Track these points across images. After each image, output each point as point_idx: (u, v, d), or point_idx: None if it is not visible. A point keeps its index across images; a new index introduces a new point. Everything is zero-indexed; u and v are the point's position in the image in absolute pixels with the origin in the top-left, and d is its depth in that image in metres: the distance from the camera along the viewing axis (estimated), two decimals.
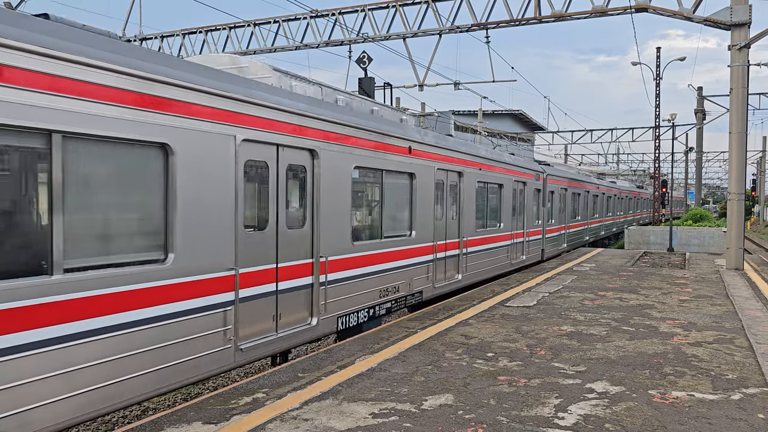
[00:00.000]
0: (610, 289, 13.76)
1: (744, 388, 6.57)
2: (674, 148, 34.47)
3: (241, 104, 6.89)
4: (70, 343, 5.06)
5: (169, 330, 6.02)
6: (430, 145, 11.82)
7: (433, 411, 5.76)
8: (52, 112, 4.89)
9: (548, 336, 8.97)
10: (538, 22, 20.60)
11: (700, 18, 17.74)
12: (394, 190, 10.68)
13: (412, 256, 11.18)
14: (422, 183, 11.49)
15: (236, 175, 6.84)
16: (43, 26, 4.99)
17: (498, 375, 6.95)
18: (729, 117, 17.76)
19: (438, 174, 12.23)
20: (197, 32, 26.95)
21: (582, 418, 5.59)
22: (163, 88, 5.91)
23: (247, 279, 7.09)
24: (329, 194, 8.61)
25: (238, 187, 6.86)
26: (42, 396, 4.86)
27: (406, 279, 10.98)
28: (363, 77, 19.12)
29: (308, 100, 8.31)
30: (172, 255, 6.04)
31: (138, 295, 5.67)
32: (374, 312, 9.99)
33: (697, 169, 53.58)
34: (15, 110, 4.63)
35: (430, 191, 11.85)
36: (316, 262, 8.38)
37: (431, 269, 11.95)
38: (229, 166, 6.75)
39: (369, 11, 23.24)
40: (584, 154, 67.78)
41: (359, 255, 9.46)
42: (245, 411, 5.74)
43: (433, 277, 12.06)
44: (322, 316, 8.46)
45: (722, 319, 10.39)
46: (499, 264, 15.95)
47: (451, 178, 12.92)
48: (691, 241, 27.18)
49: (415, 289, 11.34)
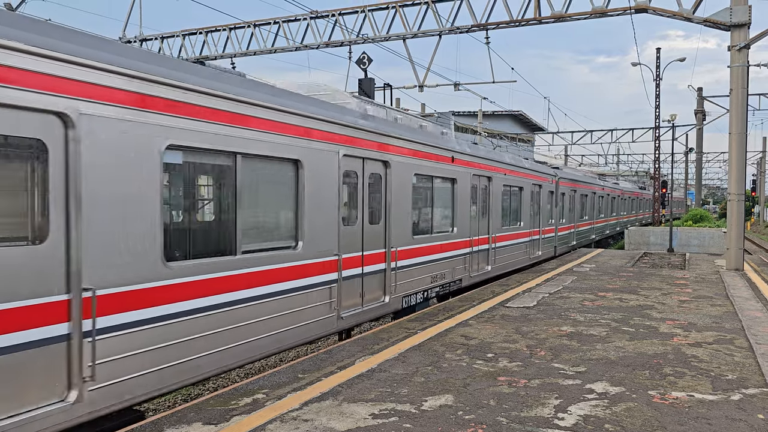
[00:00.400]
0: (610, 290, 13.76)
1: (744, 388, 6.57)
2: (674, 148, 34.48)
3: (343, 127, 8.88)
4: (246, 305, 6.98)
5: (297, 299, 7.91)
6: (467, 154, 13.70)
7: (433, 412, 5.76)
8: (237, 140, 6.80)
9: (548, 337, 8.97)
10: (538, 22, 20.61)
11: (699, 19, 17.75)
12: (441, 193, 12.57)
13: (454, 249, 13.09)
14: (461, 187, 13.35)
15: (339, 183, 8.80)
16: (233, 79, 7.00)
17: (498, 375, 6.96)
18: (729, 118, 17.77)
19: (473, 179, 14.08)
20: (197, 33, 26.96)
21: (582, 419, 5.59)
22: (299, 119, 7.89)
23: (346, 263, 9.05)
24: (397, 197, 10.49)
25: (340, 192, 8.81)
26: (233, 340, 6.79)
27: (450, 268, 12.87)
28: (363, 78, 19.14)
29: (382, 122, 10.31)
30: (301, 243, 8.01)
31: (281, 272, 7.58)
32: (426, 295, 11.82)
33: (697, 169, 53.60)
34: (219, 139, 6.54)
35: (467, 194, 13.72)
36: (388, 251, 10.29)
37: (468, 260, 13.86)
38: (334, 175, 8.71)
39: (369, 12, 23.25)
40: (584, 155, 67.83)
41: (417, 247, 11.32)
42: (245, 412, 5.74)
43: (470, 267, 13.98)
44: (392, 295, 10.37)
45: (722, 319, 10.39)
46: (520, 258, 17.77)
47: (483, 182, 14.78)
48: (691, 242, 27.16)
49: (456, 277, 13.23)
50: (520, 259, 17.82)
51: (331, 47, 24.13)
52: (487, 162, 14.97)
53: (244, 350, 6.95)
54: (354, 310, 9.22)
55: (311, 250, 8.18)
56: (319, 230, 8.36)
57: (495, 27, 21.44)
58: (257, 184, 7.29)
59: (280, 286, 7.54)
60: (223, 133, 6.58)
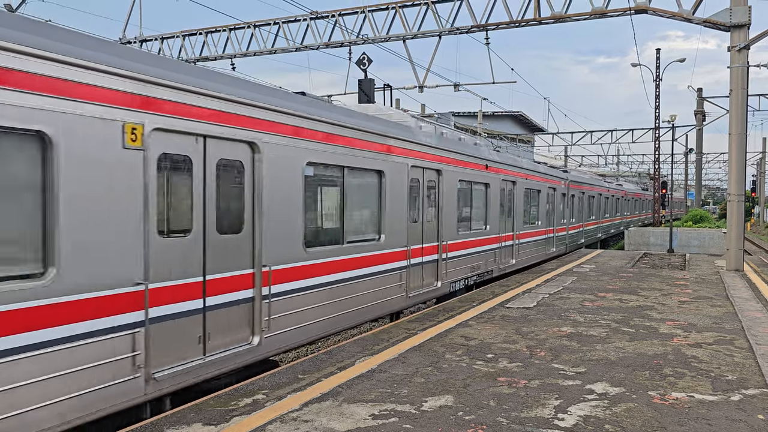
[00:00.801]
0: (610, 291, 13.76)
1: (744, 389, 6.57)
2: (674, 149, 34.46)
3: (411, 143, 11.03)
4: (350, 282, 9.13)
5: (381, 280, 10.07)
6: (497, 162, 15.79)
7: (433, 412, 5.76)
8: (345, 157, 8.94)
9: (548, 337, 8.97)
10: (537, 23, 20.61)
11: (699, 19, 17.76)
12: (477, 195, 14.60)
13: (488, 243, 15.19)
14: (493, 190, 15.43)
15: (409, 189, 10.96)
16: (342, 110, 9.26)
17: (498, 376, 6.96)
18: (729, 118, 17.76)
19: (501, 183, 16.10)
20: (197, 34, 26.95)
21: (582, 419, 5.59)
22: (383, 138, 10.06)
23: (412, 253, 11.18)
24: (446, 199, 12.56)
25: (409, 196, 10.97)
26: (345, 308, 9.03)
27: (484, 260, 14.90)
28: (363, 78, 19.14)
29: (435, 137, 12.30)
30: (383, 236, 10.12)
31: (370, 258, 9.72)
32: (467, 282, 13.84)
33: (697, 170, 53.60)
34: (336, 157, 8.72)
35: (497, 196, 15.75)
36: (440, 245, 12.37)
37: (497, 254, 15.91)
38: (405, 183, 10.84)
39: (369, 13, 23.25)
40: (584, 156, 67.79)
41: (461, 241, 13.41)
42: (245, 412, 5.74)
43: (499, 260, 16.01)
44: (443, 281, 12.45)
45: (722, 320, 10.39)
46: (538, 254, 19.84)
47: (509, 186, 16.79)
48: (691, 243, 27.14)
49: (489, 268, 15.25)
50: (538, 255, 19.87)
51: (331, 48, 24.13)
52: (512, 168, 17.06)
53: (351, 317, 9.19)
54: (417, 292, 11.39)
55: (390, 242, 10.35)
56: (394, 226, 10.52)
57: (495, 27, 21.44)
58: (355, 190, 9.48)
59: (370, 269, 9.74)
60: (338, 152, 8.77)
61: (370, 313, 9.77)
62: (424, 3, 22.21)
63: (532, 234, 19.13)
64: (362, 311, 9.50)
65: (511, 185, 16.96)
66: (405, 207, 10.79)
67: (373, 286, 9.79)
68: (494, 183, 15.49)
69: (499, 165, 15.92)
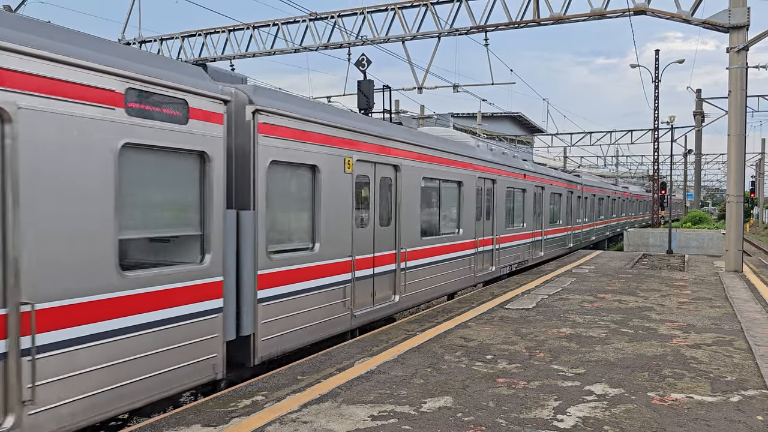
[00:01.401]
0: (609, 292, 13.76)
1: (743, 390, 6.57)
2: (673, 150, 34.55)
3: (477, 160, 14.24)
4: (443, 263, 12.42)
5: (459, 262, 13.35)
6: (530, 171, 18.83)
7: (432, 413, 5.76)
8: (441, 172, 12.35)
9: (547, 338, 8.97)
10: (536, 24, 20.62)
11: (698, 20, 17.77)
12: (517, 198, 17.67)
13: (525, 238, 18.41)
14: (528, 194, 18.61)
15: (475, 194, 14.16)
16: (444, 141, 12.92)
17: (497, 377, 6.95)
18: (727, 119, 17.77)
19: (534, 189, 19.21)
20: (196, 35, 26.96)
21: (581, 421, 5.59)
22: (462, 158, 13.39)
23: (480, 243, 14.53)
24: (497, 201, 15.74)
25: (475, 199, 14.16)
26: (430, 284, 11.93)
27: (521, 252, 17.99)
28: (362, 80, 19.11)
29: (491, 153, 15.76)
30: (461, 230, 13.44)
31: (453, 246, 12.97)
32: (511, 269, 17.09)
33: (696, 171, 53.62)
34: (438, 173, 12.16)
35: (531, 199, 18.94)
36: (494, 237, 15.67)
37: (531, 247, 19.11)
38: (473, 189, 14.09)
39: (368, 14, 23.26)
40: (583, 157, 67.76)
41: (507, 235, 16.65)
42: (244, 414, 5.74)
43: (532, 252, 19.21)
44: (496, 266, 15.83)
45: (721, 321, 10.39)
46: (558, 248, 22.84)
47: (538, 191, 19.88)
48: (690, 244, 27.14)
49: (525, 258, 18.42)
50: (559, 249, 22.97)
51: (330, 49, 24.13)
52: (542, 176, 20.16)
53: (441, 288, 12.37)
54: (479, 273, 14.58)
55: (464, 234, 13.60)
56: (468, 222, 13.78)
57: (494, 29, 21.44)
58: (445, 196, 12.72)
59: (454, 254, 13.02)
60: (440, 170, 12.25)
61: (452, 287, 13.04)
62: (423, 4, 22.22)
63: (556, 231, 22.34)
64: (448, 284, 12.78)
65: (540, 190, 19.99)
66: (474, 208, 14.19)
67: (454, 267, 13.05)
68: (529, 188, 18.67)
69: (532, 173, 19.05)
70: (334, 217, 8.67)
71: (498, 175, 15.62)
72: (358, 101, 18.88)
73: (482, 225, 14.80)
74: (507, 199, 16.55)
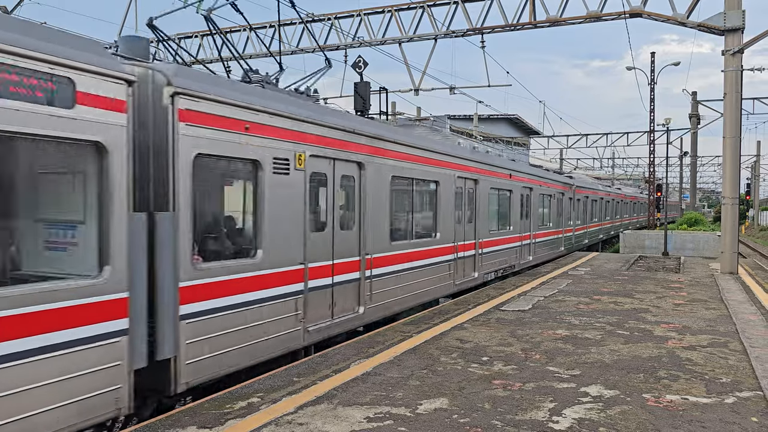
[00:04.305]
0: (605, 293, 13.79)
1: (738, 391, 6.59)
2: (669, 152, 34.66)
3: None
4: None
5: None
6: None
7: (428, 415, 5.76)
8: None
9: (543, 340, 8.98)
10: (533, 27, 20.68)
11: (693, 23, 17.84)
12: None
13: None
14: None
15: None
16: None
17: (493, 379, 6.96)
18: (723, 122, 17.84)
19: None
20: (192, 36, 26.96)
21: (576, 422, 5.60)
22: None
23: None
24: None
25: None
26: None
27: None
28: (359, 82, 19.13)
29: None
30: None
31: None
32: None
33: (691, 173, 53.79)
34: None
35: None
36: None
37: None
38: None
39: (365, 16, 23.29)
40: (579, 159, 67.88)
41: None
42: (240, 415, 5.73)
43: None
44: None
45: (716, 322, 10.42)
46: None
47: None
48: (685, 245, 27.21)
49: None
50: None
51: (326, 51, 24.15)
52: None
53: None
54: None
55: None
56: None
57: (490, 31, 21.49)
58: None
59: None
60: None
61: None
62: (419, 6, 22.26)
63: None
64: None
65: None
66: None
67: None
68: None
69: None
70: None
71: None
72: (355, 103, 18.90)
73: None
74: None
